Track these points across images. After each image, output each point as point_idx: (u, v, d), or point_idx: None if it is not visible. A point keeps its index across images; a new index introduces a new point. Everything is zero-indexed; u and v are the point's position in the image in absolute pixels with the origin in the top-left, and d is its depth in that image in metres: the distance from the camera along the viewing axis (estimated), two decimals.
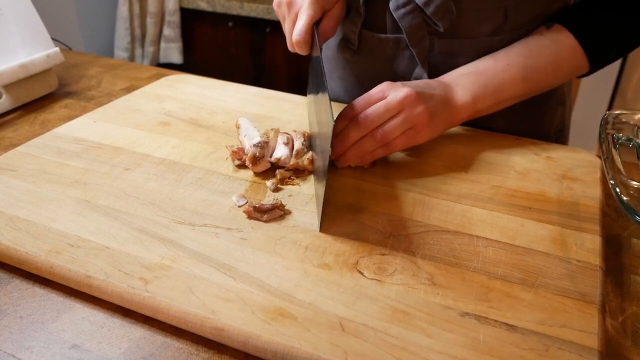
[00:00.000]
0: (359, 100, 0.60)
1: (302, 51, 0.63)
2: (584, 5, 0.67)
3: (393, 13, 0.67)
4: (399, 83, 0.61)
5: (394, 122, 0.59)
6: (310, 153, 0.60)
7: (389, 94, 0.59)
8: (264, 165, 0.60)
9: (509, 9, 0.66)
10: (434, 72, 0.69)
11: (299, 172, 0.60)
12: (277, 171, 0.60)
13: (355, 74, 0.78)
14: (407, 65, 0.72)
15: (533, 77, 0.66)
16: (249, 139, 0.63)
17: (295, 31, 0.62)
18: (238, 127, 0.67)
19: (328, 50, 0.84)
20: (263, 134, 0.63)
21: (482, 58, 0.67)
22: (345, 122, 0.59)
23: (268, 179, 0.59)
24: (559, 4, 0.70)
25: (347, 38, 0.74)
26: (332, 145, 0.61)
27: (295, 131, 0.64)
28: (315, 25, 0.63)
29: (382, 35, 0.71)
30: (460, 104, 0.63)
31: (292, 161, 0.60)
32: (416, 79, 0.71)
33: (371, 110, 0.58)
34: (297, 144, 0.61)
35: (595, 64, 0.66)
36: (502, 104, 0.66)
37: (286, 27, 0.66)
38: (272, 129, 0.64)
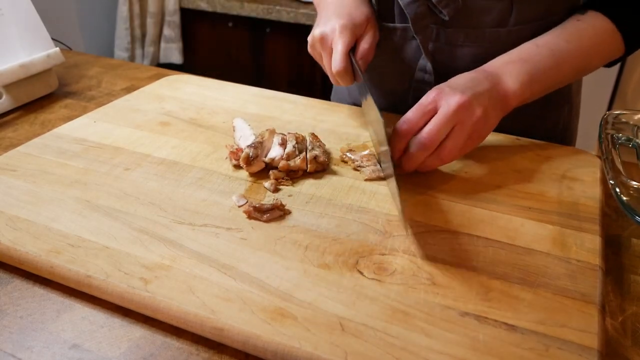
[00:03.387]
0: (413, 114, 0.58)
1: (345, 81, 0.63)
2: None
3: (399, 1, 0.68)
4: (446, 88, 0.58)
5: (455, 136, 0.56)
6: (302, 154, 0.60)
7: (441, 105, 0.57)
8: (258, 166, 0.60)
9: (515, 0, 0.67)
10: (440, 62, 0.70)
11: (293, 174, 0.60)
12: (271, 172, 0.60)
13: None
14: (414, 55, 0.73)
15: (576, 62, 0.65)
16: (244, 140, 0.63)
17: (333, 63, 0.62)
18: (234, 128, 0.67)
19: None
20: (258, 135, 0.63)
21: (522, 45, 0.65)
22: (404, 142, 0.58)
23: (265, 179, 0.59)
24: (568, 1, 0.70)
25: None
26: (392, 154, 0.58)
27: (289, 133, 0.64)
28: (351, 52, 0.64)
29: (391, 25, 0.73)
30: (510, 93, 0.61)
31: (282, 163, 0.59)
32: (421, 69, 0.73)
33: (431, 128, 0.56)
34: (289, 147, 0.61)
35: (631, 46, 0.66)
36: (547, 90, 0.65)
37: (325, 64, 0.66)
38: (267, 130, 0.64)
